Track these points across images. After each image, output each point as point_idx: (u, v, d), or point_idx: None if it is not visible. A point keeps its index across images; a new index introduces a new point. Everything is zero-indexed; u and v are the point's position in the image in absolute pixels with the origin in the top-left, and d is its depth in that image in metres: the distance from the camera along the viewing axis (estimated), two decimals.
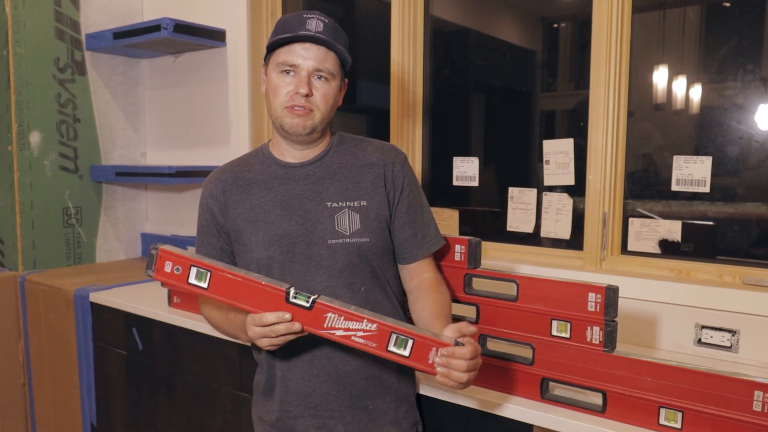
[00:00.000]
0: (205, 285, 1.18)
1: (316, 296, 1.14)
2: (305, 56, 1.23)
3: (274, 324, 1.13)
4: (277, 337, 1.15)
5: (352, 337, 1.12)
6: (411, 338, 1.10)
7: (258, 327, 1.14)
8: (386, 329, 1.11)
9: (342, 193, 1.30)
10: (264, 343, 1.16)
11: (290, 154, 1.34)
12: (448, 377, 1.11)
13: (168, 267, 1.20)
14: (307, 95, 1.24)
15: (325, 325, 1.13)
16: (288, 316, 1.13)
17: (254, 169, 1.36)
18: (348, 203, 1.30)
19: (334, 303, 1.14)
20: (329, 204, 1.29)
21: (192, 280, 1.19)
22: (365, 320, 1.12)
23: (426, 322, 1.29)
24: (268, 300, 1.15)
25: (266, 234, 1.29)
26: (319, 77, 1.25)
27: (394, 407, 1.35)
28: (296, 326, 1.13)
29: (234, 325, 1.27)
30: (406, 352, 1.11)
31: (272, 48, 1.27)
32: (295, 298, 1.14)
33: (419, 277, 1.37)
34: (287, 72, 1.25)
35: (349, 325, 1.12)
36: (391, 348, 1.11)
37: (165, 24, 2.38)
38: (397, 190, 1.34)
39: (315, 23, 1.24)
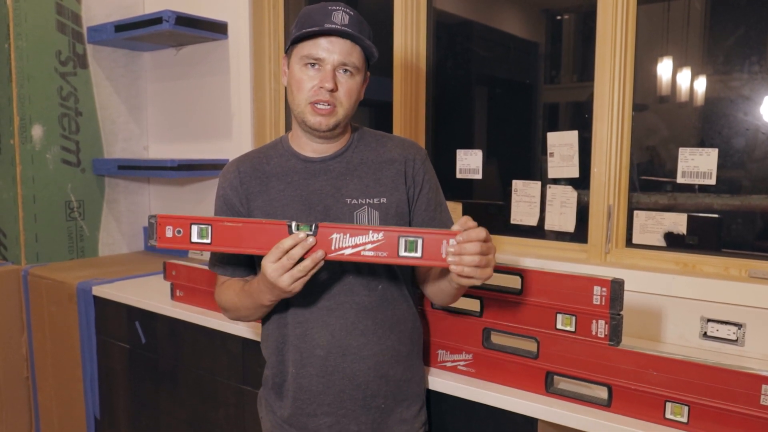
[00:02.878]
0: (208, 240, 1.19)
1: (317, 221, 1.14)
2: (330, 49, 1.21)
3: (290, 249, 1.11)
4: (295, 267, 1.11)
5: (362, 252, 1.12)
6: (419, 237, 1.10)
7: (275, 263, 1.11)
8: (393, 234, 1.11)
9: (362, 189, 1.29)
10: (285, 280, 1.11)
11: (310, 148, 1.31)
12: (461, 265, 1.08)
13: (169, 232, 1.21)
14: (331, 90, 1.22)
15: (333, 248, 1.12)
16: (302, 234, 1.11)
17: (273, 162, 1.33)
18: (368, 200, 1.28)
19: (337, 223, 1.14)
20: (349, 200, 1.28)
21: (195, 238, 1.20)
22: (370, 231, 1.11)
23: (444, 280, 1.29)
24: (272, 238, 1.14)
25: None
26: (345, 71, 1.23)
27: (406, 406, 1.35)
28: (310, 240, 1.11)
29: (251, 291, 1.24)
30: (419, 253, 1.10)
31: (296, 40, 1.24)
32: (297, 229, 1.13)
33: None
34: (311, 65, 1.22)
35: (356, 241, 1.12)
36: (403, 253, 1.11)
37: (167, 16, 2.37)
38: (417, 187, 1.33)
39: (341, 16, 1.21)
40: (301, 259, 1.12)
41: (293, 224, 1.13)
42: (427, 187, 1.35)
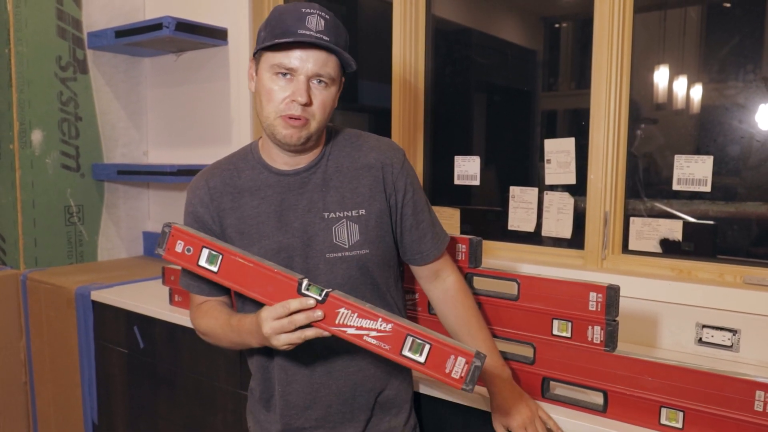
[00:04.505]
0: (215, 269, 1.13)
1: (330, 289, 1.07)
2: (304, 59, 1.12)
3: (295, 312, 1.05)
4: (295, 331, 1.06)
5: (365, 337, 1.05)
6: (428, 343, 1.02)
7: (275, 321, 1.05)
8: (402, 331, 1.03)
9: (339, 201, 1.22)
10: (282, 340, 1.06)
11: (282, 160, 1.24)
12: None
13: (179, 247, 1.15)
14: (305, 104, 1.13)
15: (336, 321, 1.05)
16: (311, 302, 1.05)
17: (244, 175, 1.25)
18: (346, 213, 1.22)
19: (349, 298, 1.06)
20: (326, 215, 1.21)
21: (202, 262, 1.14)
22: (380, 319, 1.04)
23: (462, 337, 1.29)
24: (279, 289, 1.08)
25: (261, 248, 1.21)
26: (319, 82, 1.15)
27: (394, 414, 1.33)
28: (318, 314, 1.05)
29: (240, 330, 1.17)
30: (422, 359, 1.02)
31: (266, 48, 1.15)
32: (307, 289, 1.07)
33: (441, 284, 1.34)
34: (283, 74, 1.14)
35: (362, 323, 1.05)
36: (406, 353, 1.03)
37: (167, 22, 2.38)
38: (399, 193, 1.27)
39: (315, 20, 1.12)
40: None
41: (305, 283, 1.07)
42: (411, 191, 1.29)
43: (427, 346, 1.02)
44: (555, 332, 1.31)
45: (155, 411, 2.13)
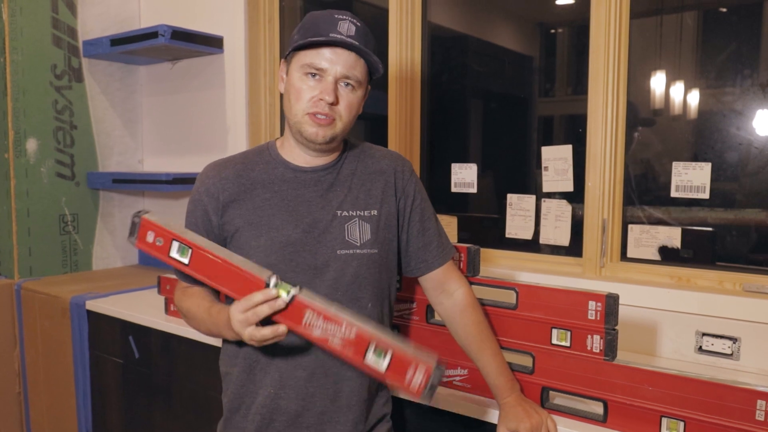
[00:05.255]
0: (186, 261, 1.15)
1: (297, 290, 1.07)
2: (334, 60, 1.17)
3: (259, 305, 1.06)
4: (258, 330, 1.06)
5: (330, 340, 1.06)
6: (389, 352, 1.05)
7: (242, 314, 1.07)
8: (365, 338, 1.05)
9: (353, 201, 1.25)
10: (247, 335, 1.07)
11: (302, 159, 1.27)
12: None
13: (150, 237, 1.17)
14: (332, 103, 1.18)
15: (303, 322, 1.07)
16: (273, 291, 1.06)
17: (258, 169, 1.27)
18: (359, 212, 1.25)
19: (315, 300, 1.07)
20: (339, 213, 1.24)
21: (174, 254, 1.16)
22: (344, 325, 1.05)
23: (470, 352, 1.32)
24: (247, 286, 1.09)
25: (269, 239, 1.21)
26: (346, 84, 1.19)
27: (378, 426, 1.32)
28: (279, 303, 1.06)
29: (218, 322, 1.17)
30: (383, 367, 1.05)
31: (298, 48, 1.19)
32: (275, 286, 1.08)
33: (449, 298, 1.33)
34: (312, 75, 1.18)
35: (328, 327, 1.06)
36: (368, 360, 1.05)
37: (162, 31, 2.38)
38: (409, 199, 1.31)
39: (347, 26, 1.17)
40: (270, 320, 1.07)
41: (272, 281, 1.08)
42: (419, 198, 1.33)
43: (389, 355, 1.05)
44: (554, 341, 1.30)
45: (150, 421, 2.11)
